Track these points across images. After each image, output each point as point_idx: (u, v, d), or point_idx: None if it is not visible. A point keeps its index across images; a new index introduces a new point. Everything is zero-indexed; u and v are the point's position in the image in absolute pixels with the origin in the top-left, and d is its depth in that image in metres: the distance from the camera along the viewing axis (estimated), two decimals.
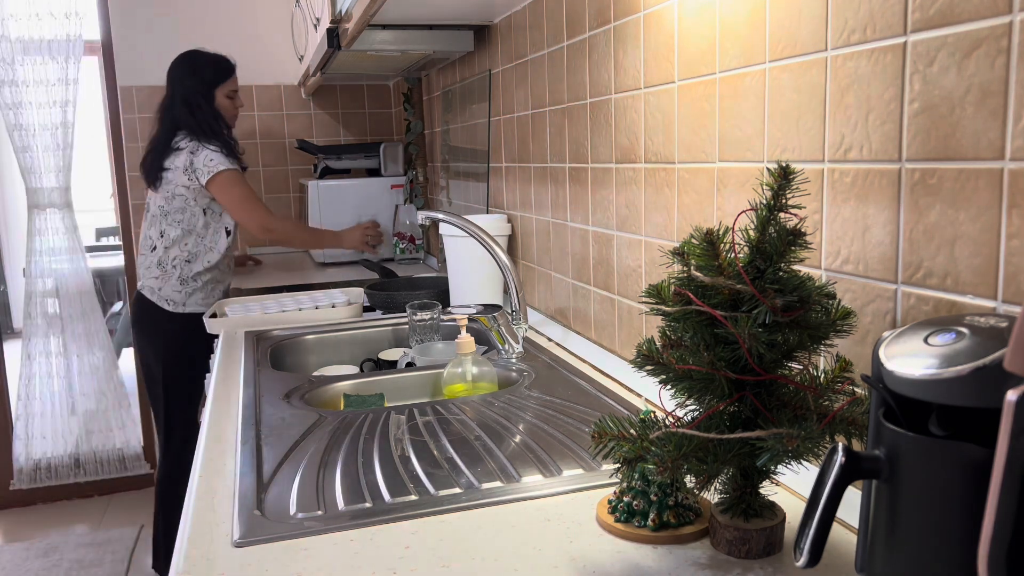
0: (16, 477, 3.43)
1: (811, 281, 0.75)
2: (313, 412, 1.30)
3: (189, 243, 2.51)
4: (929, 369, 0.56)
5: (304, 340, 1.88)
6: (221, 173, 2.45)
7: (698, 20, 1.12)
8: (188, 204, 2.49)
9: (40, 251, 3.33)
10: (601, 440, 0.77)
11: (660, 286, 0.78)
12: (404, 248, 3.12)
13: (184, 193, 2.48)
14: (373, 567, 0.81)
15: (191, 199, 2.48)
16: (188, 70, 2.53)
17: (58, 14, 3.21)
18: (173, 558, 0.86)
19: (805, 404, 0.74)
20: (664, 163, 1.25)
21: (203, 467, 1.09)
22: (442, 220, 1.61)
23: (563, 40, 1.60)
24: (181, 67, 2.54)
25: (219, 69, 2.56)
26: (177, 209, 2.49)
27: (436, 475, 1.03)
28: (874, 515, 0.63)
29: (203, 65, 2.55)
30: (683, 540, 0.84)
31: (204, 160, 2.45)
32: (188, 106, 2.50)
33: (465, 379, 1.45)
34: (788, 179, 0.75)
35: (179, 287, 2.53)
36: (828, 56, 0.88)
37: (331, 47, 2.10)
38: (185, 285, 2.53)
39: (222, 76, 2.56)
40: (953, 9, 0.72)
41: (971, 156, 0.71)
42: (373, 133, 3.58)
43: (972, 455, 0.55)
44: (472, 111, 2.34)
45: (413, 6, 1.87)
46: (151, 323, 2.56)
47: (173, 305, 2.53)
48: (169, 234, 2.51)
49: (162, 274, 2.52)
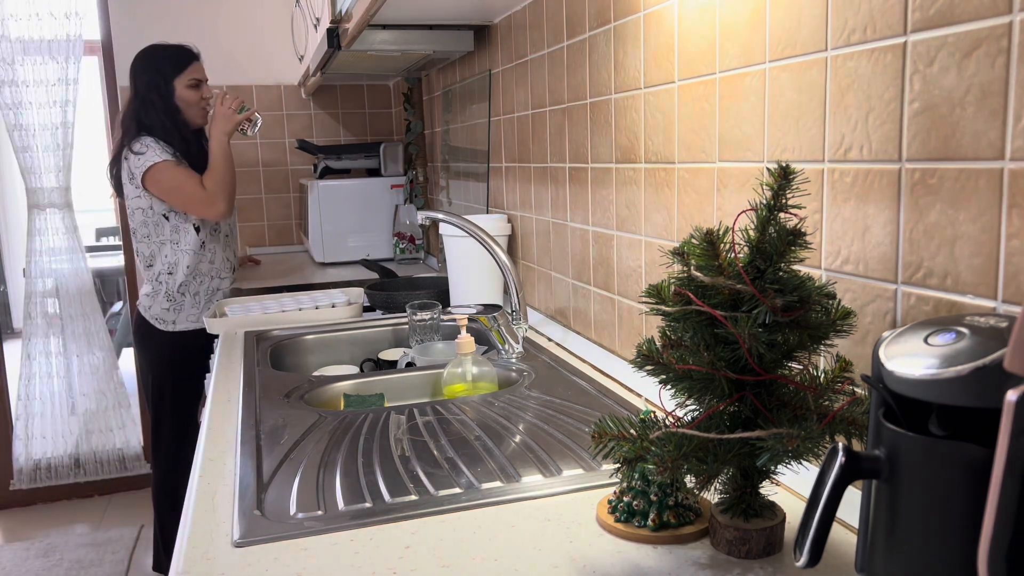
0: (16, 477, 3.43)
1: (811, 281, 0.75)
2: (313, 412, 1.30)
3: (167, 254, 2.40)
4: (929, 369, 0.56)
5: (304, 340, 1.88)
6: (152, 168, 2.29)
7: (698, 20, 1.12)
8: (148, 215, 2.36)
9: (40, 251, 3.33)
10: (601, 440, 0.77)
11: (660, 286, 0.78)
12: (404, 248, 3.12)
13: (140, 204, 2.35)
14: (373, 567, 0.81)
15: (147, 208, 2.36)
16: (144, 66, 2.36)
17: (58, 14, 3.21)
18: (173, 558, 0.86)
19: (805, 404, 0.74)
20: (664, 163, 1.25)
21: (203, 467, 1.09)
22: (442, 220, 1.61)
23: (563, 40, 1.60)
24: (138, 64, 2.37)
25: (176, 60, 2.37)
26: (140, 223, 2.38)
27: (436, 475, 1.02)
28: (874, 515, 0.63)
29: (159, 58, 2.37)
30: (683, 540, 0.84)
31: (135, 161, 2.30)
32: (144, 105, 2.34)
33: (465, 379, 1.45)
34: (788, 179, 0.75)
35: (167, 304, 2.42)
36: (828, 56, 0.88)
37: (331, 47, 2.10)
38: (172, 302, 2.43)
39: (180, 65, 2.36)
40: (953, 9, 0.72)
41: (971, 156, 0.71)
42: (373, 133, 3.58)
43: (972, 455, 0.55)
44: (472, 111, 2.34)
45: (413, 6, 1.87)
46: (145, 340, 2.50)
47: (164, 324, 2.44)
48: (144, 252, 2.42)
49: (152, 291, 2.44)
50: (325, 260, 3.11)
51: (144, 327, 2.47)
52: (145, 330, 2.47)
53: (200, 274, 2.44)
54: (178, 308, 2.43)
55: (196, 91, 2.40)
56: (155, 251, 2.40)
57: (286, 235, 3.55)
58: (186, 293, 2.43)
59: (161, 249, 2.39)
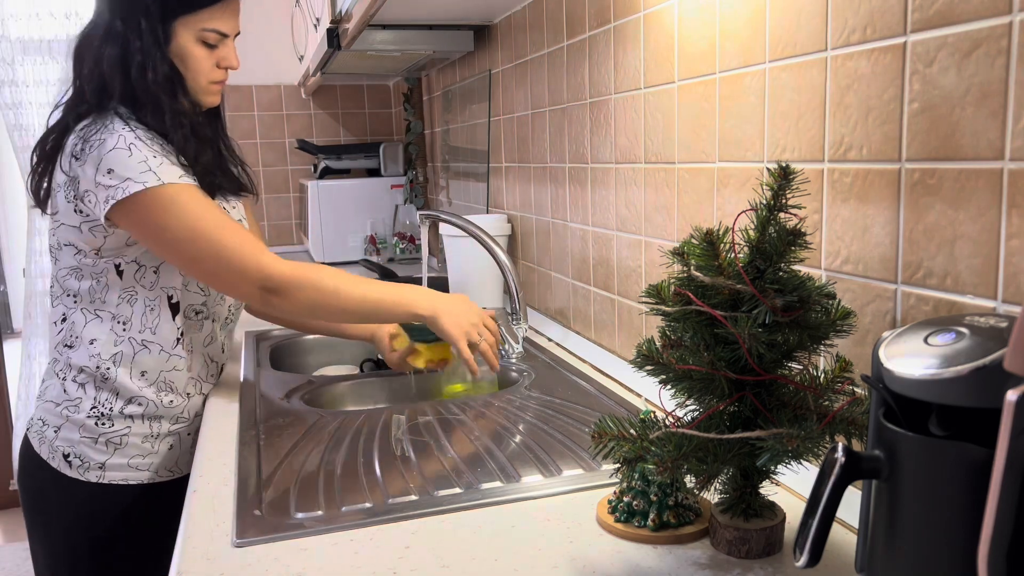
0: (16, 477, 3.43)
1: (811, 281, 0.75)
2: (313, 412, 1.30)
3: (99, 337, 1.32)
4: (929, 369, 0.56)
5: (304, 340, 1.88)
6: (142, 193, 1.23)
7: (698, 20, 1.12)
8: (82, 258, 1.31)
9: (40, 251, 3.33)
10: (601, 440, 0.77)
11: (660, 286, 0.78)
12: (404, 248, 3.12)
13: (72, 236, 1.30)
14: (373, 567, 0.81)
15: (85, 247, 1.30)
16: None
17: (58, 14, 3.21)
18: (173, 558, 0.86)
19: (805, 404, 0.74)
20: (664, 163, 1.25)
21: (203, 467, 1.09)
22: (442, 220, 1.61)
23: (563, 40, 1.60)
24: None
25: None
26: (66, 269, 1.33)
27: (436, 475, 1.02)
28: (874, 515, 0.63)
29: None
30: (683, 540, 0.84)
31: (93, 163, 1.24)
32: (115, 49, 1.27)
33: (465, 379, 1.45)
34: (788, 179, 0.75)
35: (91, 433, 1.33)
36: (828, 56, 0.88)
37: (331, 47, 2.10)
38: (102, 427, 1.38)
39: None
40: (953, 9, 0.72)
41: (971, 156, 0.71)
42: (373, 133, 3.58)
43: (972, 455, 0.55)
44: (472, 111, 2.34)
45: (413, 6, 1.87)
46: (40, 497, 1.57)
47: (81, 468, 1.51)
48: (57, 319, 1.39)
49: (62, 398, 1.39)
50: (325, 260, 3.11)
51: (39, 472, 1.33)
52: (41, 478, 1.33)
53: (162, 389, 1.34)
54: (114, 442, 1.31)
55: (209, 51, 1.34)
56: (74, 325, 1.31)
57: (286, 235, 3.55)
58: (133, 418, 1.32)
59: (89, 327, 1.31)
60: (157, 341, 1.32)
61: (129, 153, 1.20)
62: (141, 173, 1.20)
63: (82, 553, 1.33)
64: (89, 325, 1.30)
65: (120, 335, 1.30)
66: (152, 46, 1.27)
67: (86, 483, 1.30)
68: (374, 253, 3.08)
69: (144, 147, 1.21)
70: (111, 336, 1.30)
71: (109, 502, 1.32)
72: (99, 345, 1.30)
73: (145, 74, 1.26)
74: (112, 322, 1.30)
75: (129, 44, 1.26)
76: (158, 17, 1.27)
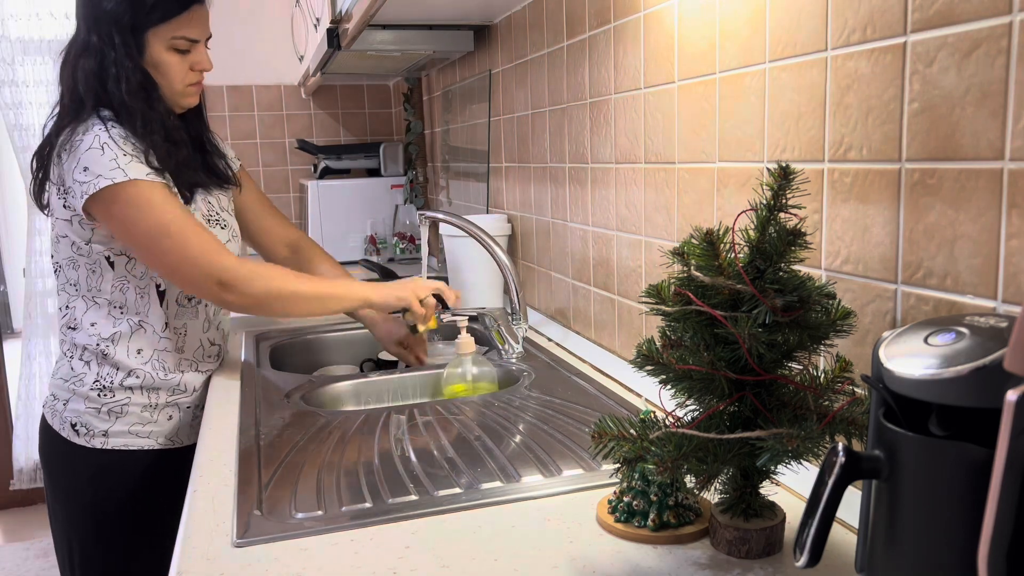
0: (16, 477, 3.43)
1: (811, 281, 0.75)
2: (313, 412, 1.30)
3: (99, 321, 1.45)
4: (929, 369, 0.56)
5: (304, 340, 1.88)
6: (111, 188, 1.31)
7: (698, 20, 1.12)
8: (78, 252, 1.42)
9: (40, 251, 3.32)
10: (601, 440, 0.77)
11: (660, 286, 0.78)
12: (404, 248, 3.12)
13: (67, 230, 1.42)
14: (373, 567, 0.81)
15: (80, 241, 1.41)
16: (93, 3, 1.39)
17: (58, 14, 3.21)
18: (173, 558, 0.86)
19: (805, 404, 0.74)
20: (664, 163, 1.25)
21: (203, 467, 1.09)
22: (442, 220, 1.61)
23: (563, 40, 1.60)
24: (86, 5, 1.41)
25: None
26: (66, 260, 1.45)
27: (436, 475, 1.02)
28: (874, 515, 0.63)
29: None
30: (683, 540, 0.84)
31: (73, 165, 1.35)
32: (92, 59, 1.37)
33: (465, 379, 1.45)
34: (788, 179, 0.75)
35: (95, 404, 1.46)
36: (828, 56, 0.88)
37: (331, 47, 2.10)
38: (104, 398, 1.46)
39: (163, 8, 1.36)
40: (953, 9, 0.72)
41: (971, 156, 0.71)
42: (373, 133, 3.58)
43: (972, 455, 0.55)
44: (472, 111, 2.34)
45: (413, 6, 1.87)
46: (57, 463, 1.67)
47: (87, 435, 1.59)
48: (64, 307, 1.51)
49: (72, 375, 1.51)
50: None
51: (52, 442, 1.46)
52: (54, 447, 1.46)
53: (156, 367, 1.45)
54: (116, 411, 1.43)
55: (182, 56, 1.40)
56: (76, 311, 1.43)
57: None
58: (132, 389, 1.44)
59: (89, 312, 1.42)
60: (149, 323, 1.44)
61: (102, 152, 1.31)
62: (111, 170, 1.30)
63: (95, 516, 1.45)
64: (89, 311, 1.43)
65: (118, 318, 1.43)
66: (125, 58, 1.36)
67: (91, 449, 1.43)
68: (374, 253, 3.07)
69: (115, 146, 1.31)
70: (109, 319, 1.43)
71: (115, 467, 1.44)
72: (99, 327, 1.43)
73: (120, 85, 1.35)
74: (109, 307, 1.43)
75: (104, 57, 1.36)
76: (129, 30, 1.36)
